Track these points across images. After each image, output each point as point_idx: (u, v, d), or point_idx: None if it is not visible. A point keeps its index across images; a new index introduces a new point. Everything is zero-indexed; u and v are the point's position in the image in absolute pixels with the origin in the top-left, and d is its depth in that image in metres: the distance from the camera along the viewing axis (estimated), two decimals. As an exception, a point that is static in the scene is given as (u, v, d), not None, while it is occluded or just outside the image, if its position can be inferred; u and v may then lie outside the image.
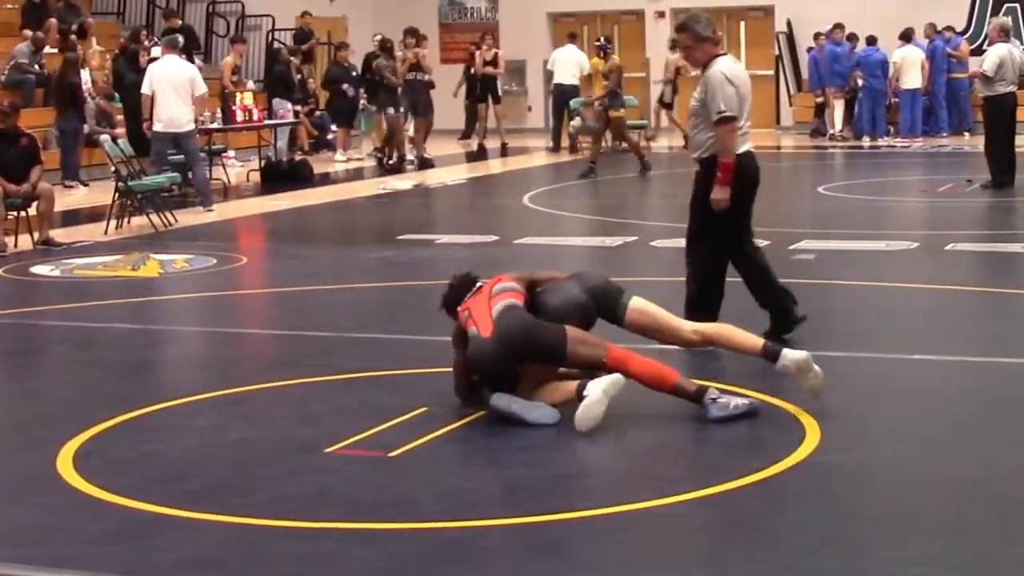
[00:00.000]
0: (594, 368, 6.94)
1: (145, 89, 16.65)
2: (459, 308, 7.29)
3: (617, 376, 6.82)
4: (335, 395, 7.59)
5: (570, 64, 24.66)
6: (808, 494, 5.79)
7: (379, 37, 22.88)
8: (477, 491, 6.01)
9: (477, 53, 25.41)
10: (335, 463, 6.32)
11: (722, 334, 7.47)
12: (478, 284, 7.38)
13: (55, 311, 10.55)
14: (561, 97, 24.65)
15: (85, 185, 19.83)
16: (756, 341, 7.33)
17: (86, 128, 19.84)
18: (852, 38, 26.07)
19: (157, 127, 16.58)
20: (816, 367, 7.09)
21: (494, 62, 25.17)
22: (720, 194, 8.63)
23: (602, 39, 23.03)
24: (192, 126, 16.81)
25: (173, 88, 16.54)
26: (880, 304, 10.13)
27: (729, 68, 8.74)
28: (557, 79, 24.79)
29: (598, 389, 6.72)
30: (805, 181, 21.00)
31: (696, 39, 8.73)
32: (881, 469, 6.15)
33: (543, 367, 7.02)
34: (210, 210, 16.63)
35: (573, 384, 6.92)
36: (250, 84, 23.24)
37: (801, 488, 5.86)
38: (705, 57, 8.74)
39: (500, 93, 25.78)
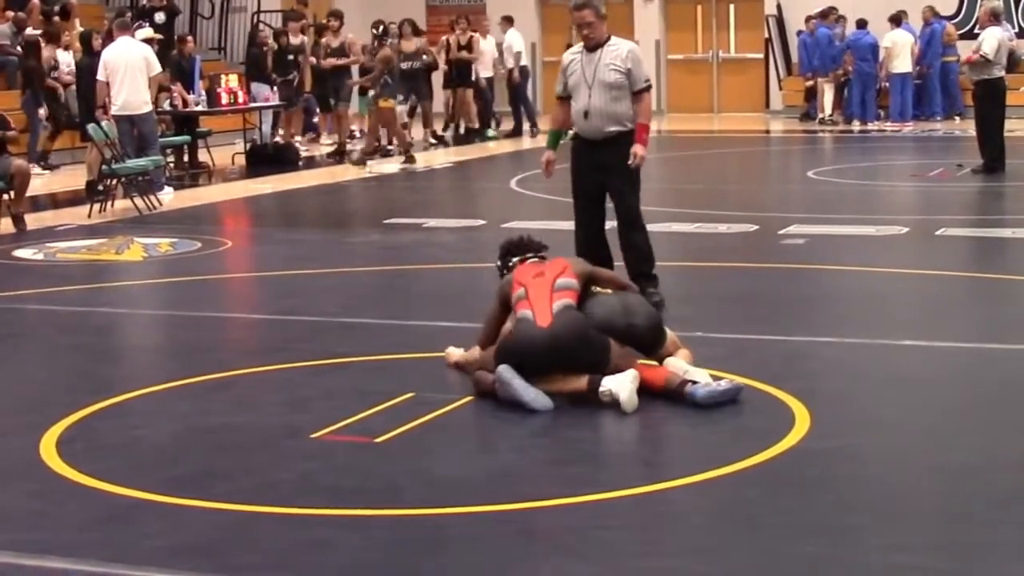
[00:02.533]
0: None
1: (100, 75, 16.33)
2: (513, 268, 7.47)
3: (634, 373, 6.80)
4: (321, 380, 7.53)
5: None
6: (799, 481, 5.75)
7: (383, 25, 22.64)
8: (464, 477, 5.95)
9: (451, 38, 24.88)
10: (321, 449, 6.26)
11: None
12: (542, 254, 7.58)
13: (38, 295, 10.47)
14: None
15: (50, 170, 19.58)
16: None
17: (42, 112, 19.60)
18: (840, 20, 25.99)
19: (115, 111, 16.32)
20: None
21: (468, 47, 24.62)
22: (644, 152, 9.27)
23: (382, 25, 21.75)
24: (148, 108, 16.44)
25: (128, 70, 16.21)
26: (870, 289, 10.08)
27: None
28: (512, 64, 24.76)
29: (624, 385, 6.71)
30: (795, 166, 20.99)
31: (597, 16, 9.19)
32: (872, 456, 6.13)
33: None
34: (167, 193, 16.40)
35: (583, 379, 6.87)
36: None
37: (792, 475, 5.82)
38: (601, 35, 9.22)
39: (476, 78, 24.87)
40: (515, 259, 7.58)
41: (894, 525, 5.20)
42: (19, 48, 20.90)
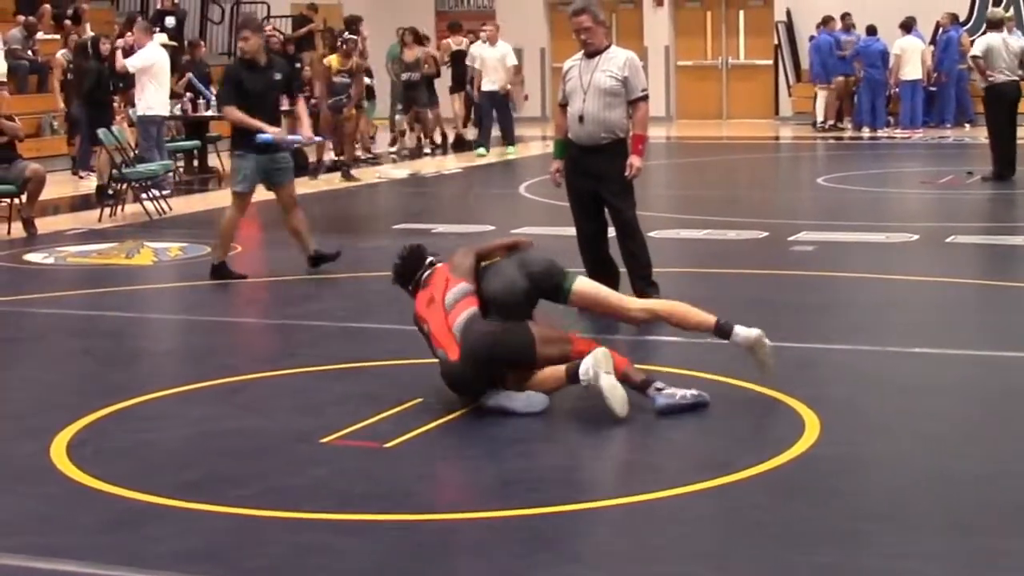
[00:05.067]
0: (564, 363, 6.91)
1: (141, 64, 16.47)
2: (414, 290, 7.36)
3: (601, 350, 6.78)
4: (330, 385, 7.53)
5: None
6: (808, 488, 5.74)
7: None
8: (473, 483, 5.96)
9: (449, 41, 24.55)
10: (330, 454, 6.27)
11: (674, 312, 7.45)
12: (428, 260, 7.41)
13: (48, 299, 10.49)
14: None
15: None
16: (708, 318, 7.32)
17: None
18: (849, 26, 25.97)
19: (150, 112, 16.46)
20: (768, 343, 7.13)
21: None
22: (641, 163, 9.24)
23: (345, 32, 20.86)
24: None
25: (164, 73, 16.55)
26: (880, 297, 10.08)
27: None
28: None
29: (599, 374, 6.64)
30: (804, 172, 20.98)
31: (595, 21, 9.24)
32: (881, 463, 6.12)
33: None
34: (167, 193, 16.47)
35: (561, 369, 6.86)
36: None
37: (801, 482, 5.81)
38: (600, 41, 9.25)
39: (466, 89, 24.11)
40: (410, 287, 7.43)
41: (903, 533, 5.19)
42: (30, 53, 20.95)
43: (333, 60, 19.18)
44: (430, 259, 7.44)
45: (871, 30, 25.40)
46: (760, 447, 6.19)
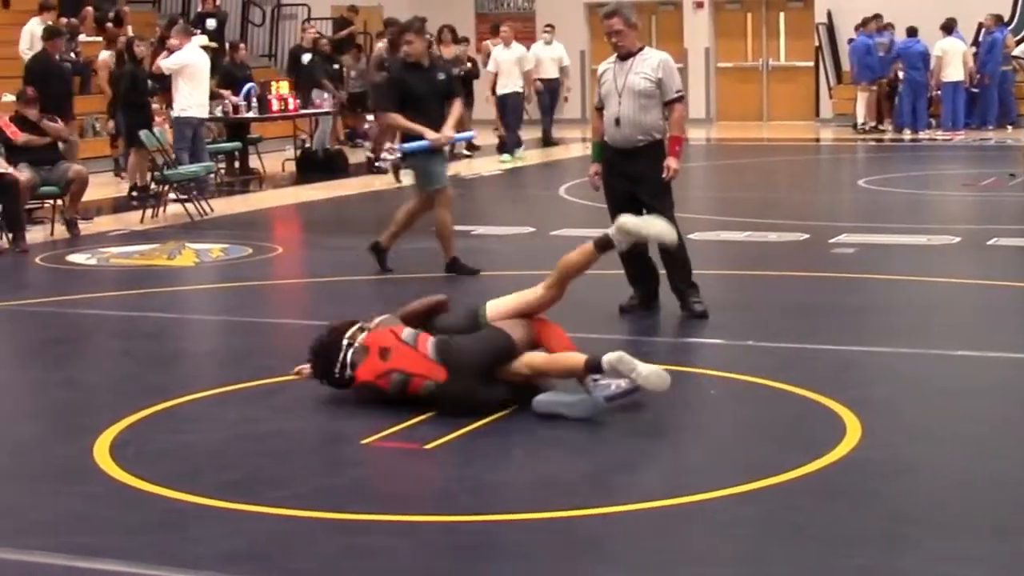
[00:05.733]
0: (532, 345, 7.05)
1: (174, 65, 16.59)
2: (342, 371, 7.16)
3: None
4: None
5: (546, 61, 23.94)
6: (849, 491, 5.73)
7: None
8: (513, 485, 5.97)
9: (489, 43, 24.50)
10: (371, 455, 6.29)
11: (563, 263, 7.32)
12: (349, 333, 7.24)
13: (91, 300, 10.55)
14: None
15: None
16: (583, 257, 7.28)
17: None
18: (888, 28, 25.85)
19: (187, 113, 16.55)
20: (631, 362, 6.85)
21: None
22: (678, 164, 9.19)
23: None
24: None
25: (200, 75, 16.65)
26: (921, 299, 10.03)
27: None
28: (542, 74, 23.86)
29: (634, 366, 6.68)
30: (845, 174, 20.89)
31: (627, 24, 9.19)
32: (922, 466, 6.09)
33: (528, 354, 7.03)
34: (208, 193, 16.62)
35: (580, 359, 6.86)
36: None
37: (842, 484, 5.80)
38: (632, 43, 9.22)
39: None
40: (336, 371, 7.24)
41: (945, 536, 5.18)
42: (73, 55, 21.04)
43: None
44: (350, 332, 7.27)
45: (912, 31, 25.26)
46: (801, 450, 6.18)
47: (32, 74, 16.08)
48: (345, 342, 7.23)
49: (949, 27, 24.89)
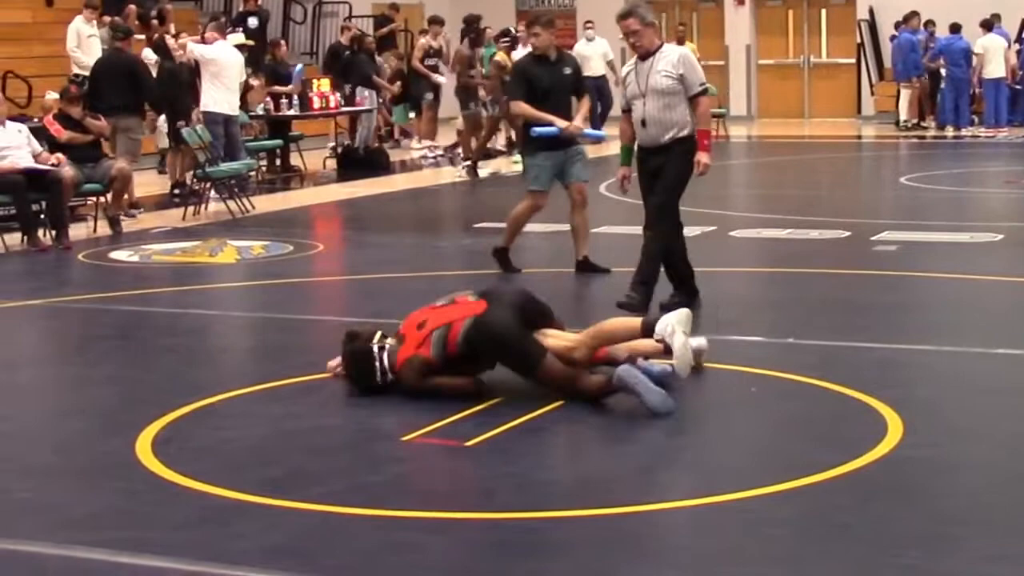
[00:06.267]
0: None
1: (198, 55, 16.66)
2: (391, 375, 7.20)
3: (685, 311, 6.95)
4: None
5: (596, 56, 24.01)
6: (891, 489, 5.70)
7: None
8: (553, 482, 5.97)
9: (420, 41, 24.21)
10: (412, 452, 6.30)
11: (599, 335, 7.19)
12: (376, 341, 7.26)
13: (133, 296, 10.61)
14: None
15: None
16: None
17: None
18: (928, 25, 25.72)
19: (215, 109, 16.57)
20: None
21: (439, 54, 23.45)
22: (709, 159, 9.18)
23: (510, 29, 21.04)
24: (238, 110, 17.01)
25: (230, 71, 16.69)
26: (964, 297, 9.98)
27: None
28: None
29: (675, 331, 6.77)
30: (887, 171, 20.80)
31: (643, 24, 9.17)
32: (965, 465, 6.05)
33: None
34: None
35: (636, 322, 7.03)
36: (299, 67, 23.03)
37: (884, 483, 5.77)
38: (651, 43, 9.18)
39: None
40: (379, 377, 7.30)
41: (987, 535, 5.15)
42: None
43: (502, 57, 19.25)
44: (376, 337, 7.28)
45: (954, 28, 25.12)
46: (841, 448, 6.15)
47: (102, 72, 16.14)
48: (375, 347, 7.25)
49: (989, 24, 24.76)
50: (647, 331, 6.85)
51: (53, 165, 13.14)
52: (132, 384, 8.00)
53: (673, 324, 6.76)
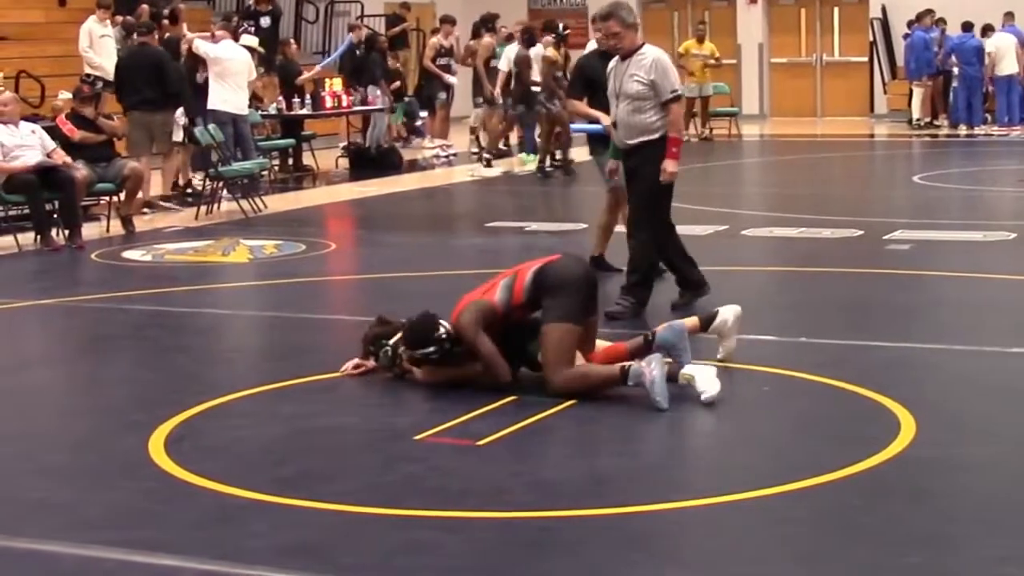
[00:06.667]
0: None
1: (210, 72, 16.67)
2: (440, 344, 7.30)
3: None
4: (422, 383, 7.55)
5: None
6: (903, 489, 5.70)
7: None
8: (566, 481, 5.97)
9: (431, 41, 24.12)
10: (424, 451, 6.30)
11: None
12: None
13: (146, 296, 10.63)
14: None
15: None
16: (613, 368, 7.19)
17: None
18: (939, 23, 25.68)
19: (222, 107, 16.57)
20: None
21: (450, 52, 22.84)
22: (675, 167, 9.02)
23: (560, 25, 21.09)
24: (247, 109, 16.97)
25: (236, 70, 16.68)
26: (977, 296, 9.96)
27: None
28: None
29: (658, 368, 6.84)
30: (900, 170, 20.78)
31: (624, 25, 9.02)
32: (977, 465, 6.04)
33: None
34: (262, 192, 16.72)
35: (615, 367, 7.01)
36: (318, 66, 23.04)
37: (896, 483, 5.77)
38: (632, 44, 9.05)
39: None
40: (391, 340, 7.50)
41: (998, 536, 5.14)
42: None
43: (552, 52, 19.22)
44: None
45: (966, 27, 25.09)
46: (854, 447, 6.15)
47: (129, 68, 16.20)
48: (442, 329, 7.32)
49: (991, 27, 24.78)
50: (624, 379, 6.93)
51: (64, 164, 13.16)
52: (145, 383, 8.02)
53: (651, 368, 6.83)
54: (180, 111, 17.05)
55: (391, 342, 7.50)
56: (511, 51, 19.81)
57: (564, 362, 6.99)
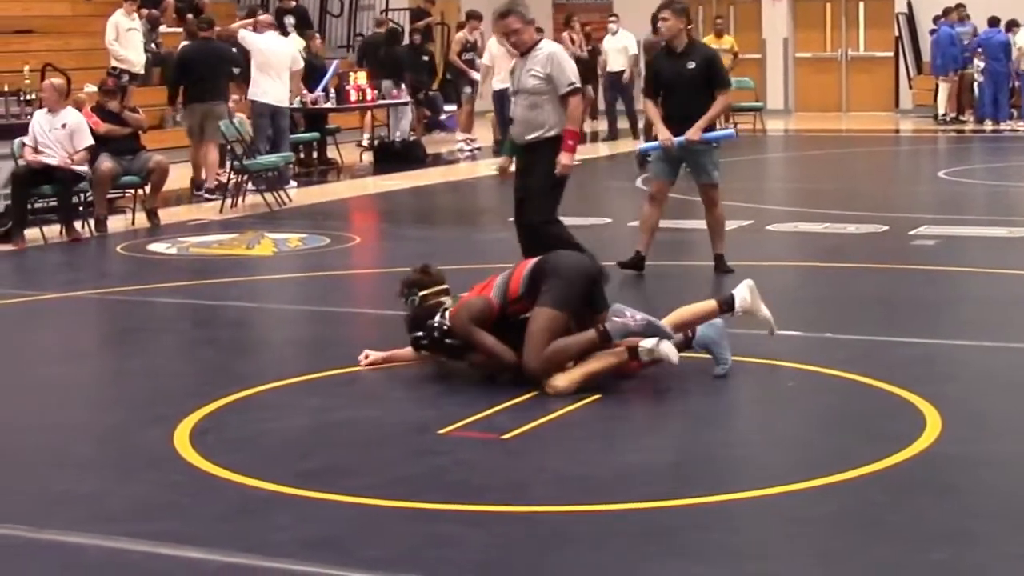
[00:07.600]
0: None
1: (253, 64, 16.73)
2: (423, 301, 7.56)
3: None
4: (447, 376, 7.57)
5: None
6: (928, 486, 5.69)
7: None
8: (588, 476, 5.97)
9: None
10: (448, 445, 6.31)
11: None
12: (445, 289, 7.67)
13: (171, 288, 10.65)
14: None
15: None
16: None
17: None
18: (961, 18, 25.58)
19: (263, 99, 16.63)
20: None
21: (474, 48, 22.41)
22: (570, 160, 9.06)
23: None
24: (287, 103, 17.02)
25: (279, 63, 16.75)
26: (1003, 292, 9.92)
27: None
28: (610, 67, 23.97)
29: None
30: (925, 165, 20.71)
31: (524, 21, 9.04)
32: (1004, 462, 6.01)
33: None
34: (293, 187, 16.77)
35: (591, 331, 7.07)
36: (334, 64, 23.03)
37: (921, 479, 5.75)
38: (531, 39, 9.07)
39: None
40: (423, 292, 7.68)
41: (1021, 532, 5.12)
42: (154, 46, 21.23)
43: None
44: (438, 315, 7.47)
45: (993, 22, 25.00)
46: (879, 443, 6.13)
47: (193, 62, 16.33)
48: (437, 319, 7.42)
49: (1016, 22, 24.72)
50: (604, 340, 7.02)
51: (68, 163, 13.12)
52: (169, 376, 8.04)
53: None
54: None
55: (422, 293, 7.61)
56: None
57: (544, 347, 6.99)
